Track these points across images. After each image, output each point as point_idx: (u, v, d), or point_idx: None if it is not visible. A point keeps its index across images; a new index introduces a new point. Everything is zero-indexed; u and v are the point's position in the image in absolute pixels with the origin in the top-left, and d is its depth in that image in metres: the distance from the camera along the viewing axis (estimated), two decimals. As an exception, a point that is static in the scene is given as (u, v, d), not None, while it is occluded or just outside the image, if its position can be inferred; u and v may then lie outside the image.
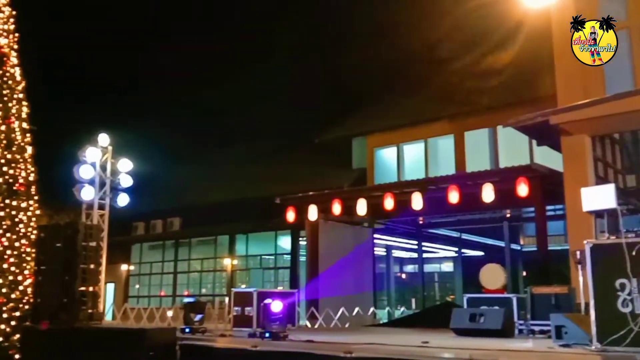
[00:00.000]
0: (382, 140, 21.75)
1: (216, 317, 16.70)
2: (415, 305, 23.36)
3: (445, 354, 7.30)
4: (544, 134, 13.26)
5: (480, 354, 6.91)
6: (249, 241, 25.37)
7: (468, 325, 10.23)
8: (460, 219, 20.18)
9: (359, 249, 18.44)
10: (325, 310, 15.31)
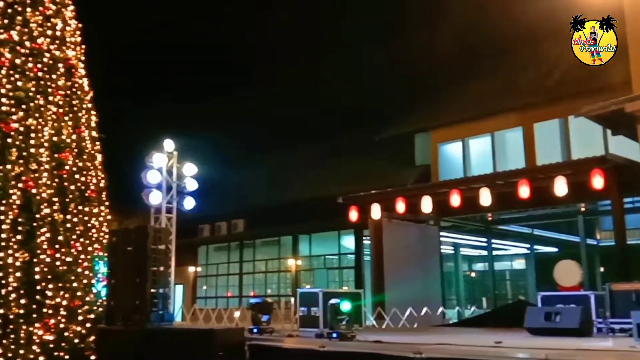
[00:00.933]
0: (447, 135, 21.30)
1: (282, 318, 16.82)
2: (486, 305, 22.71)
3: (519, 354, 7.02)
4: (618, 123, 12.57)
5: (556, 354, 6.59)
6: (312, 241, 25.45)
7: (543, 324, 9.85)
8: (531, 214, 19.41)
9: (425, 247, 18.08)
10: (392, 310, 15.11)
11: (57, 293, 10.41)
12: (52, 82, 11.56)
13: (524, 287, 25.22)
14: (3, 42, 11.02)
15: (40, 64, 11.45)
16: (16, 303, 9.86)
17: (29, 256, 10.24)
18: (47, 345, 10.06)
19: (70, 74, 12.03)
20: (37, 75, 11.34)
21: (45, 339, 10.06)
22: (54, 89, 11.56)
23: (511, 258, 26.48)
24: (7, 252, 9.93)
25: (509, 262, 26.89)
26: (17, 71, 11.01)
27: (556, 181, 13.12)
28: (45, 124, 11.21)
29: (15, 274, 9.95)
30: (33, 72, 11.29)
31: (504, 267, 26.90)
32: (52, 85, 11.54)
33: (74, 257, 10.88)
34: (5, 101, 10.70)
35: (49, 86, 11.49)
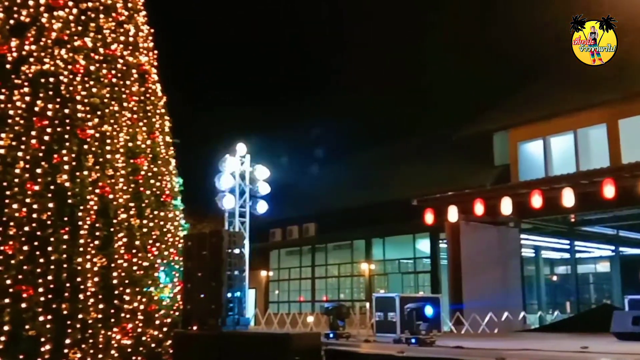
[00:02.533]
0: (526, 133, 20.50)
1: (357, 323, 16.67)
2: (570, 309, 21.62)
3: (609, 361, 6.57)
4: None
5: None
6: (386, 245, 25.16)
7: (631, 328, 9.37)
8: (616, 215, 18.31)
9: (504, 250, 17.45)
10: (471, 315, 14.65)
11: (135, 297, 10.48)
12: (126, 88, 11.65)
13: (608, 291, 23.88)
14: (77, 49, 11.09)
15: (114, 70, 11.56)
16: (94, 308, 9.93)
17: (107, 261, 10.35)
18: (125, 349, 10.18)
19: (144, 80, 12.10)
20: (111, 82, 11.44)
21: (123, 343, 10.19)
22: (128, 95, 11.66)
23: (595, 261, 25.13)
24: (85, 257, 10.02)
25: (593, 264, 25.52)
26: (91, 78, 11.09)
27: (645, 179, 12.32)
28: (120, 129, 11.32)
29: (94, 278, 10.06)
30: (107, 78, 11.40)
31: (588, 270, 25.56)
32: (126, 91, 11.63)
33: (150, 262, 10.96)
34: (81, 108, 10.76)
35: (123, 92, 11.59)
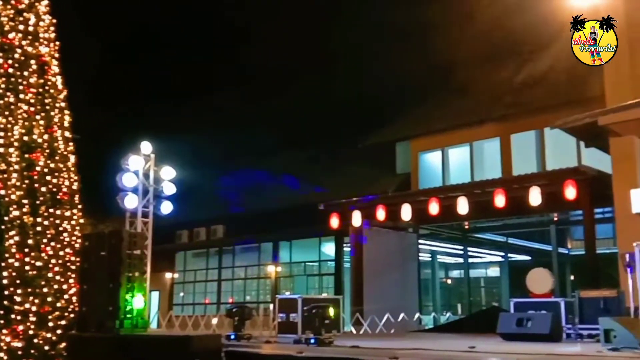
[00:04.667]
0: (427, 144, 21.55)
1: (261, 324, 16.82)
2: (461, 311, 22.96)
3: (491, 359, 7.16)
4: (592, 136, 12.92)
5: (527, 359, 6.75)
6: (293, 248, 25.46)
7: (515, 330, 10.11)
8: (506, 223, 19.76)
9: (403, 254, 18.32)
10: (370, 316, 15.25)
11: (27, 298, 10.03)
12: (23, 79, 11.08)
13: (497, 294, 25.57)
14: (-29, 37, 10.41)
15: (11, 60, 11.00)
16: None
17: (-3, 260, 9.85)
18: (16, 352, 9.72)
19: (43, 72, 11.50)
20: (7, 72, 10.90)
21: (14, 345, 9.74)
22: (25, 86, 11.09)
23: (486, 265, 26.83)
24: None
25: (484, 269, 27.24)
26: (-15, 67, 10.43)
27: (531, 191, 13.41)
28: (15, 122, 10.78)
29: (-19, 278, 9.50)
30: (3, 68, 10.87)
31: (479, 274, 27.25)
32: (23, 83, 11.06)
33: (44, 262, 10.45)
34: (-27, 98, 10.09)
35: (20, 83, 11.02)
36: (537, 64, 19.90)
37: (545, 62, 19.60)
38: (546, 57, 19.74)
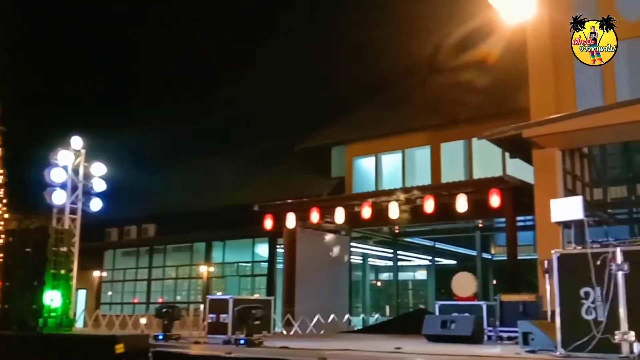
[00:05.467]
0: (361, 149, 21.95)
1: (191, 325, 16.61)
2: (389, 312, 23.53)
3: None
4: (516, 147, 13.59)
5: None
6: (226, 248, 25.27)
7: (439, 331, 10.47)
8: (434, 228, 20.48)
9: (335, 256, 18.58)
10: (301, 317, 15.38)
11: None
12: None
13: (424, 297, 26.39)
14: None
15: None
16: None
17: None
18: None
19: None
20: None
21: None
22: None
23: (414, 269, 27.65)
24: None
25: (412, 272, 28.06)
26: None
27: (458, 198, 13.97)
28: None
29: None
30: None
31: (408, 277, 28.04)
32: None
33: None
34: None
35: None
36: (467, 77, 20.76)
37: (475, 75, 20.49)
38: (476, 71, 20.65)
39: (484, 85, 19.88)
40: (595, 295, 6.77)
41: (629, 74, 13.52)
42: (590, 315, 6.77)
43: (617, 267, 6.63)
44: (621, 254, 6.67)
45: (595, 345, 6.62)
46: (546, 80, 13.86)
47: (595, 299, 6.76)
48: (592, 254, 6.86)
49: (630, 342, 6.27)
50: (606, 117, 11.68)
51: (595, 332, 6.65)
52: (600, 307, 6.71)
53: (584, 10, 14.09)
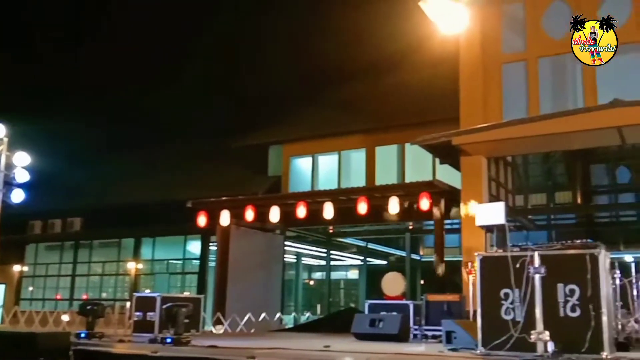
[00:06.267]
0: (298, 149, 22.06)
1: (116, 323, 16.16)
2: (321, 311, 23.81)
3: (344, 358, 7.59)
4: (446, 153, 14.10)
5: (376, 358, 7.26)
6: (156, 245, 24.73)
7: (368, 330, 10.71)
8: (367, 229, 20.89)
9: (269, 255, 18.57)
10: (231, 315, 15.30)
11: None
12: None
13: (355, 296, 26.85)
14: None
15: None
16: None
17: None
18: None
19: None
20: None
21: None
22: None
23: (346, 268, 28.08)
24: None
25: (345, 272, 28.49)
26: None
27: (390, 200, 14.32)
28: None
29: None
30: None
31: (340, 276, 28.45)
32: None
33: None
34: None
35: None
36: (403, 83, 21.33)
37: (411, 82, 21.08)
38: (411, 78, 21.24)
39: (419, 92, 20.49)
40: (514, 296, 7.12)
41: (552, 89, 14.35)
42: (508, 316, 7.12)
43: (534, 270, 7.00)
44: (539, 257, 7.05)
45: (513, 344, 6.95)
46: (475, 91, 14.48)
47: (514, 300, 7.11)
48: (512, 257, 7.21)
49: (545, 342, 6.63)
50: (529, 129, 12.35)
51: (513, 331, 7.00)
52: (519, 307, 7.06)
53: (513, 27, 14.91)
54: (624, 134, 12.02)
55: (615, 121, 11.49)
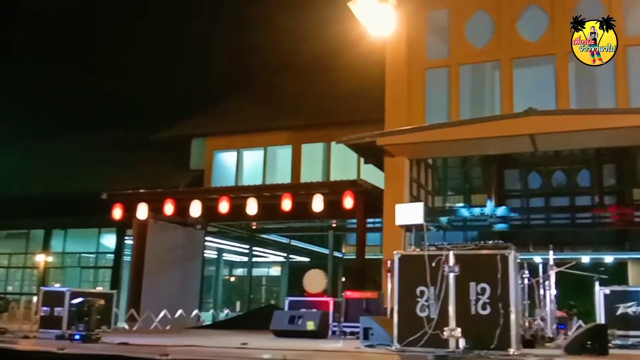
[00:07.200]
0: (223, 143, 21.68)
1: (21, 318, 15.24)
2: (240, 308, 23.60)
3: (261, 355, 7.51)
4: (371, 153, 14.33)
5: (293, 354, 7.22)
6: (68, 237, 23.60)
7: (287, 327, 10.71)
8: (291, 226, 20.88)
9: (188, 251, 18.15)
10: (146, 312, 14.83)
11: None
12: None
13: (277, 293, 26.83)
14: None
15: None
16: None
17: None
18: None
19: None
20: None
21: None
22: None
23: (269, 265, 27.99)
24: None
25: (267, 269, 28.38)
26: None
27: (314, 198, 14.37)
28: None
29: None
30: None
31: (262, 273, 28.33)
32: None
33: None
34: None
35: None
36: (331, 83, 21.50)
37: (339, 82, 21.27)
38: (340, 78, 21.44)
39: (348, 92, 20.70)
40: (429, 294, 7.30)
41: (472, 95, 14.90)
42: (423, 313, 7.29)
43: (449, 268, 7.21)
44: (453, 257, 7.26)
45: (427, 340, 7.12)
46: (400, 94, 14.80)
47: (429, 297, 7.29)
48: (428, 256, 7.39)
49: (457, 338, 6.84)
50: (449, 133, 12.77)
51: (427, 328, 7.17)
52: (433, 305, 7.25)
53: (438, 33, 15.36)
54: (537, 141, 12.68)
55: (529, 129, 12.09)
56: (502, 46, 14.45)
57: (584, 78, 14.01)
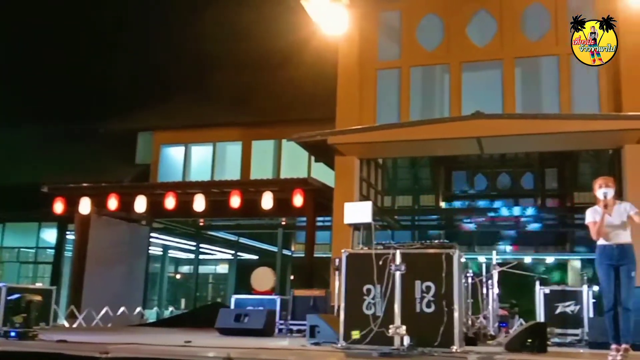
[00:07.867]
0: (171, 137, 21.24)
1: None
2: (185, 305, 23.22)
3: (205, 353, 7.38)
4: (321, 152, 14.36)
5: (238, 352, 7.12)
6: (5, 232, 22.64)
7: (232, 325, 10.61)
8: (239, 223, 20.68)
9: (132, 247, 17.72)
10: (87, 309, 14.39)
11: None
12: None
13: (224, 290, 26.54)
14: None
15: None
16: None
17: None
18: None
19: None
20: None
21: None
22: None
23: (216, 263, 27.64)
24: None
25: (214, 266, 28.01)
26: None
27: (264, 195, 14.28)
28: None
29: None
30: None
31: (209, 270, 27.93)
32: None
33: None
34: None
35: None
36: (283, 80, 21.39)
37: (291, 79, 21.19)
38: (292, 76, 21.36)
39: (300, 90, 20.64)
40: (375, 292, 7.36)
41: (422, 97, 15.15)
42: (370, 311, 7.34)
43: (395, 267, 7.29)
44: (400, 255, 7.35)
45: (373, 337, 7.18)
46: (352, 93, 14.89)
47: (376, 295, 7.35)
48: (375, 255, 7.45)
49: (402, 335, 6.93)
50: (399, 134, 12.95)
51: (373, 325, 7.23)
52: (379, 303, 7.31)
53: (390, 34, 15.53)
54: (483, 144, 13.01)
55: (476, 132, 12.38)
56: (451, 50, 14.75)
57: (530, 83, 14.49)
